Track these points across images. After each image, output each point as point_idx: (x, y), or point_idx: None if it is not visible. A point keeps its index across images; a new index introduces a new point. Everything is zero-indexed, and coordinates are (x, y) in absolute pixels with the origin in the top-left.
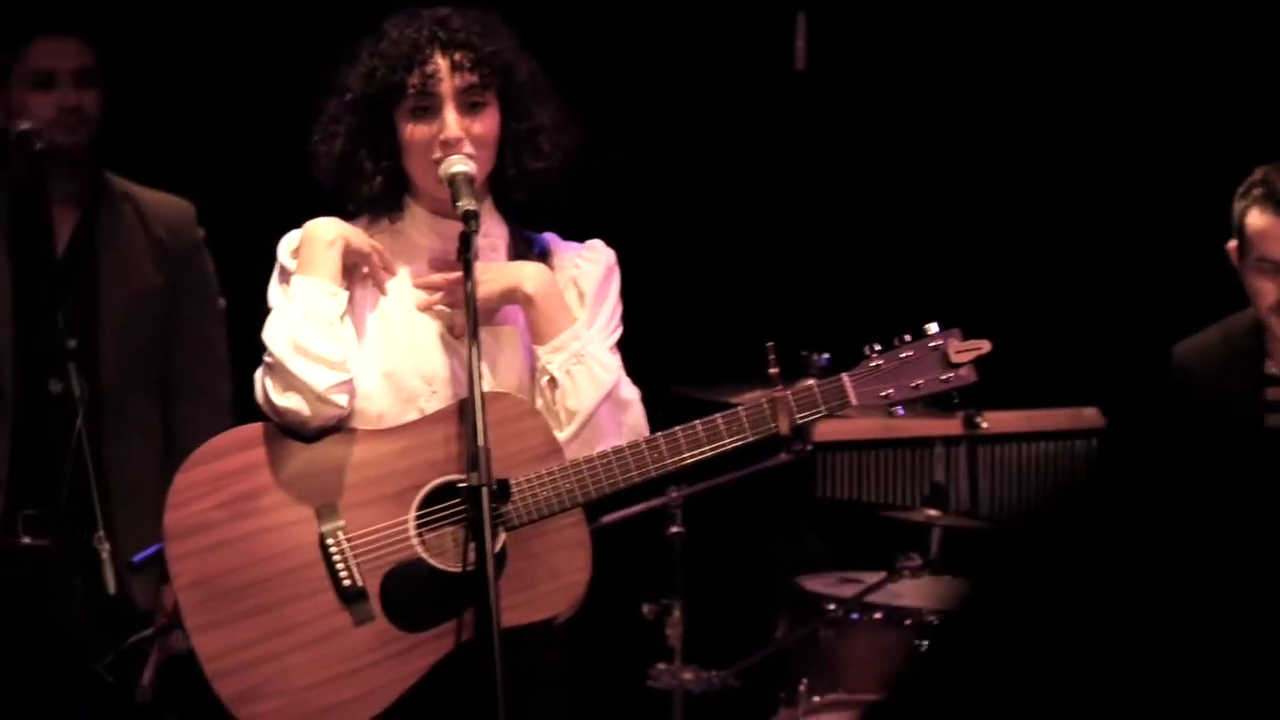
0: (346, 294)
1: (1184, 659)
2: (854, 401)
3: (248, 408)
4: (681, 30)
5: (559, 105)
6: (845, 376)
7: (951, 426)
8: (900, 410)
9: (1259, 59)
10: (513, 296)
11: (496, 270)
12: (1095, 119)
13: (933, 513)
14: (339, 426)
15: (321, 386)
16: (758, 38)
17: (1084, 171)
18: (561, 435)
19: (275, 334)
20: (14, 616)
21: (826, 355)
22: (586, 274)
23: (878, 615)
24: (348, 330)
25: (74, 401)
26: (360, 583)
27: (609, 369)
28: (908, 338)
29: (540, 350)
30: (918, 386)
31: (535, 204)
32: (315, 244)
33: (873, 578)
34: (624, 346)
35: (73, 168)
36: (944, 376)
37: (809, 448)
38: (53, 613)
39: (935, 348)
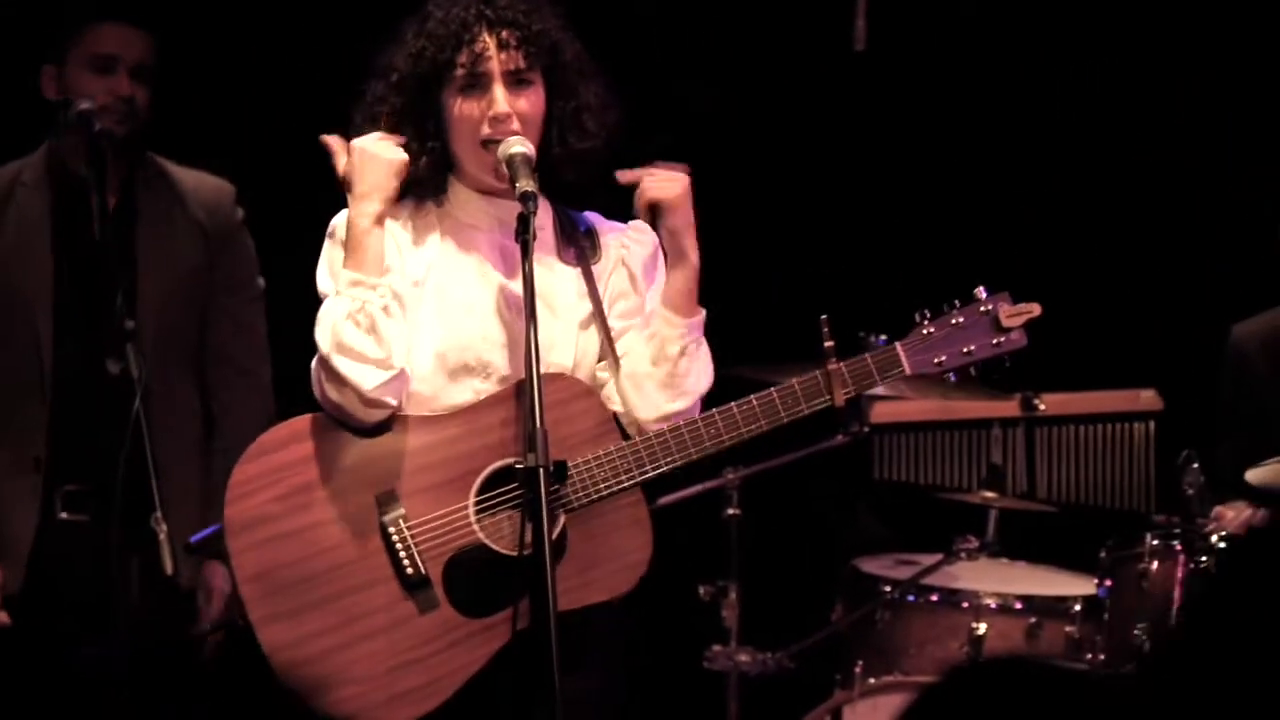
0: (388, 282)
1: None
2: (908, 370)
3: (289, 389)
4: (741, 10)
5: (603, 85)
6: (899, 345)
7: (1009, 408)
8: (953, 376)
9: None
10: (680, 260)
11: (683, 229)
12: (1151, 98)
13: (990, 495)
14: (395, 414)
15: (368, 387)
16: (818, 17)
17: (1144, 151)
18: (671, 407)
19: (323, 331)
20: (55, 590)
21: (884, 336)
22: (635, 255)
23: (934, 597)
24: (395, 318)
25: (133, 382)
26: (423, 570)
27: (710, 363)
28: (957, 303)
29: (684, 321)
30: (970, 352)
31: (582, 183)
32: (353, 230)
33: (929, 560)
34: None
35: (115, 155)
36: (995, 341)
37: (866, 429)
38: (101, 588)
39: (986, 312)
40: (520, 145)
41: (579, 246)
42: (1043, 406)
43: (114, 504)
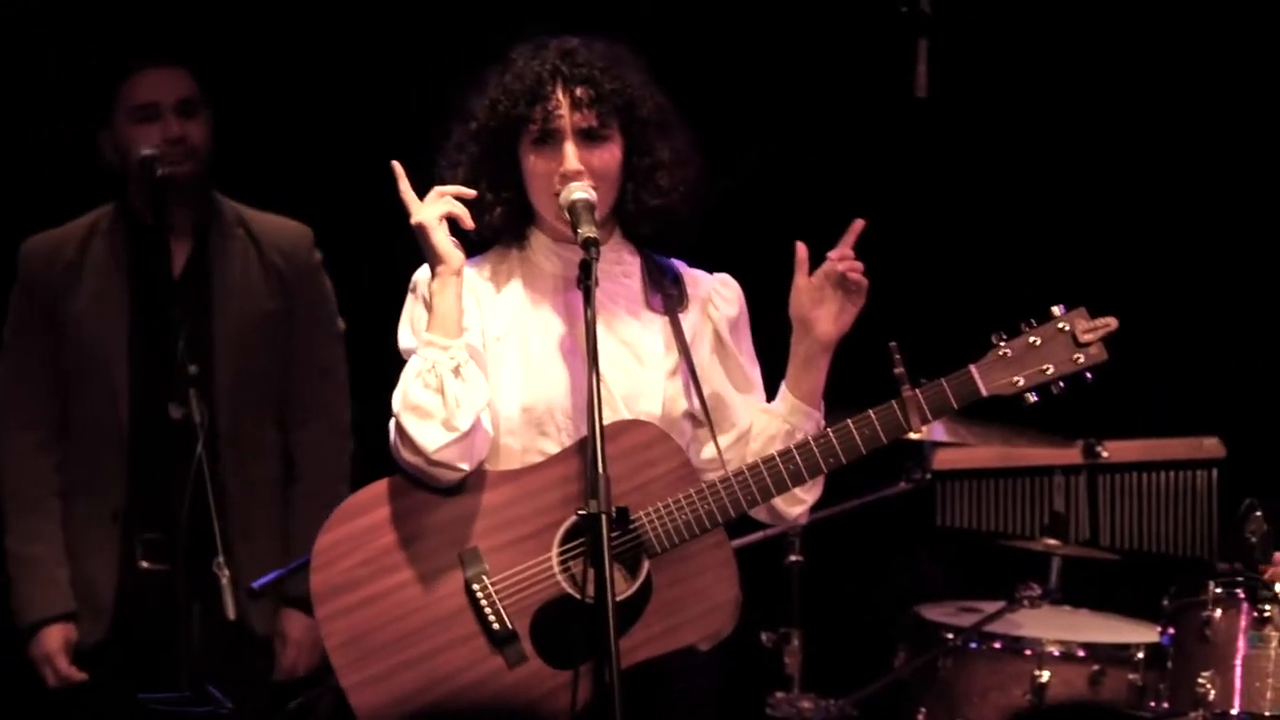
0: (461, 341)
1: None
2: (984, 392)
3: (367, 432)
4: (803, 57)
5: (685, 140)
6: (973, 368)
7: (1071, 455)
8: (1034, 397)
9: None
10: (829, 346)
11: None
12: (1216, 150)
13: (1052, 542)
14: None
15: (431, 448)
16: (879, 64)
17: (1207, 197)
18: (808, 496)
19: (396, 391)
20: (135, 640)
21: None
22: (724, 316)
23: (997, 645)
24: (468, 381)
25: (195, 427)
26: (510, 626)
27: None
28: (1033, 322)
29: (806, 406)
30: (1048, 371)
31: (658, 238)
32: (423, 290)
33: (992, 607)
34: None
35: (183, 197)
36: (1074, 357)
37: (928, 476)
38: (172, 637)
39: (1062, 329)
40: (582, 191)
41: (666, 294)
42: (1105, 454)
43: (179, 549)
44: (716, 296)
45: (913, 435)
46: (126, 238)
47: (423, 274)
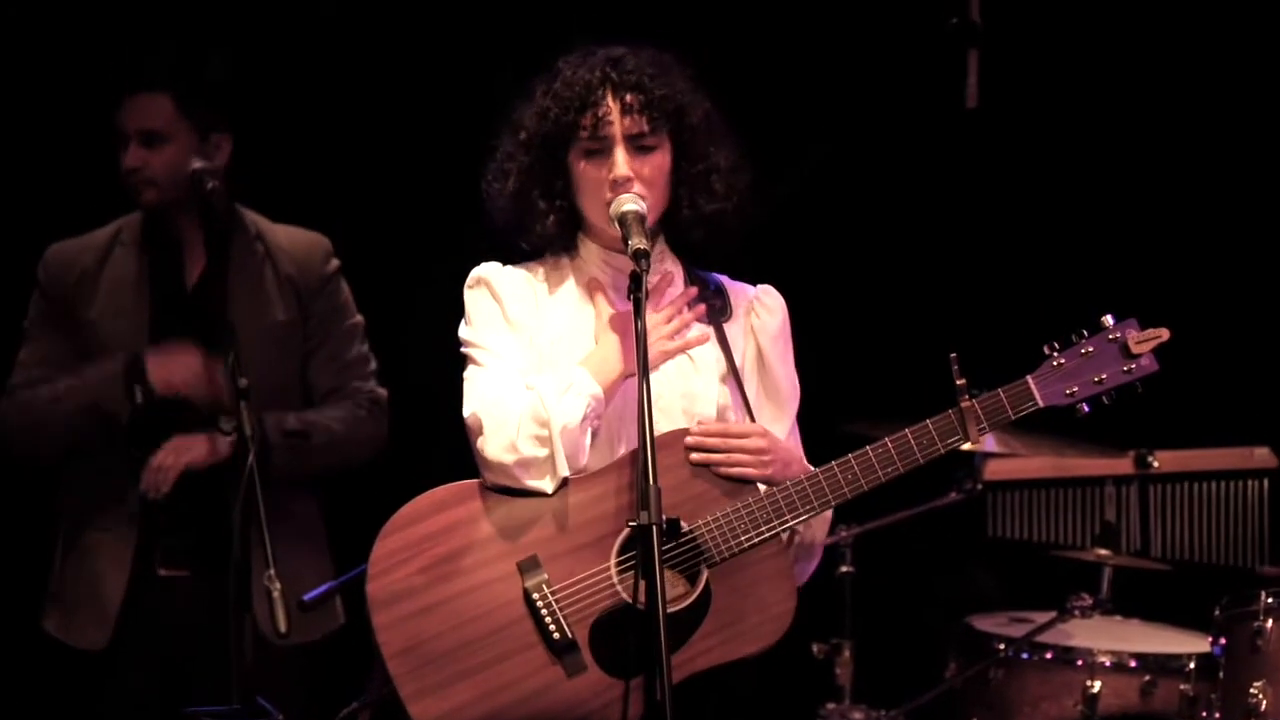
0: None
1: None
2: (1041, 403)
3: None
4: (854, 68)
5: (735, 147)
6: (1030, 379)
7: (1122, 465)
8: (1086, 407)
9: None
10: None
11: (785, 456)
12: (1270, 160)
13: (1103, 552)
14: None
15: (550, 489)
16: (929, 75)
17: (1256, 210)
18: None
19: (524, 423)
20: (154, 645)
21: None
22: (766, 326)
23: (1048, 655)
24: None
25: (245, 440)
26: (570, 635)
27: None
28: (1085, 333)
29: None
30: (1101, 381)
31: (712, 244)
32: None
33: (1043, 617)
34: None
35: (178, 217)
36: (1126, 368)
37: (979, 487)
38: (205, 645)
39: (1114, 340)
40: (632, 203)
41: (710, 304)
42: (1156, 464)
43: (229, 561)
44: (759, 306)
45: (966, 446)
46: (150, 246)
47: (489, 272)
